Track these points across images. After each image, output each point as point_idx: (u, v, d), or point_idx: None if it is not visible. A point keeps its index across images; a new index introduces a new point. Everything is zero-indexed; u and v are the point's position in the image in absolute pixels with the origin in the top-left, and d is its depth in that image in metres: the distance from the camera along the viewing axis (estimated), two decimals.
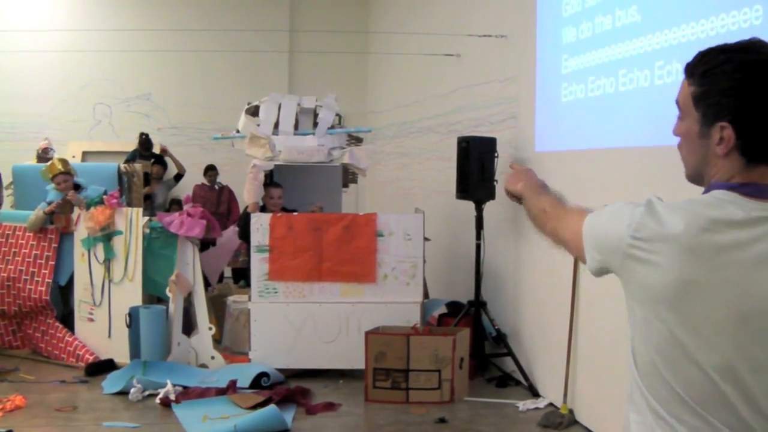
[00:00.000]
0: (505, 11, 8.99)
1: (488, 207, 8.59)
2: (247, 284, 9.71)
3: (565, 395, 7.31)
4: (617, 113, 6.61)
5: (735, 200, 2.02)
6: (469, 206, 8.71)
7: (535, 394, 7.95)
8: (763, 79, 2.00)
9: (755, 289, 1.94)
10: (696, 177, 2.22)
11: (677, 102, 2.21)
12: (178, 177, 14.00)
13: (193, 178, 13.90)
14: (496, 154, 8.43)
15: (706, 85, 2.08)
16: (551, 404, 7.63)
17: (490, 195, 8.48)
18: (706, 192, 2.11)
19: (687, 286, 1.96)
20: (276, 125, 9.67)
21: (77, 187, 9.68)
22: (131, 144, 14.01)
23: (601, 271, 2.23)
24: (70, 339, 9.33)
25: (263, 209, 9.42)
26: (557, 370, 7.48)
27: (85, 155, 14.88)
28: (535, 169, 7.79)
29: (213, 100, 14.82)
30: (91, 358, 9.04)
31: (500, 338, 8.51)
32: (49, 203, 9.50)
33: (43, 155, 12.50)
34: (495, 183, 8.41)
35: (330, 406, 7.63)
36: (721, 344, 1.95)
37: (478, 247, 8.60)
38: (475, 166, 8.41)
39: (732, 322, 1.95)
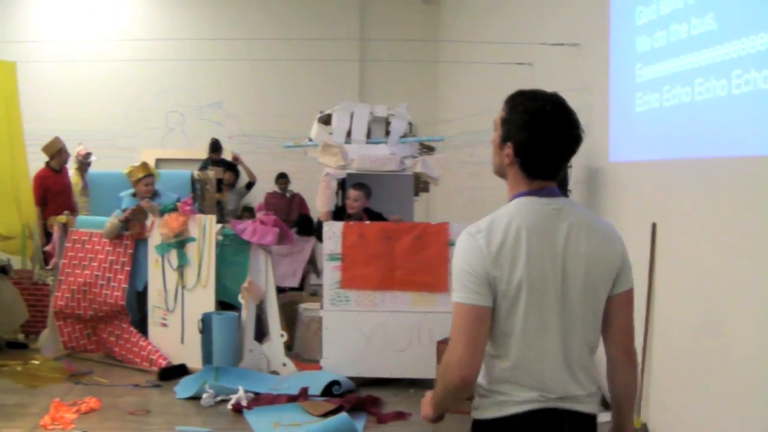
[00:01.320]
0: (578, 20, 8.92)
1: None
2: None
3: (639, 408, 7.21)
4: (693, 123, 6.49)
5: (541, 200, 3.03)
6: None
7: (608, 407, 7.83)
8: (532, 122, 2.97)
9: (572, 252, 3.00)
10: (499, 173, 3.21)
11: (495, 119, 3.13)
12: (250, 185, 14.09)
13: (264, 185, 13.99)
14: (569, 164, 8.34)
15: (508, 114, 3.05)
16: None
17: None
18: (509, 201, 3.08)
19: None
20: (348, 134, 9.70)
21: (153, 194, 9.82)
22: (203, 151, 14.15)
23: None
24: (144, 343, 9.44)
25: (338, 215, 9.43)
26: None
27: (158, 162, 15.06)
28: (608, 179, 7.75)
29: (284, 109, 14.93)
30: (164, 363, 9.16)
31: None
32: (124, 210, 9.64)
33: (84, 160, 12.63)
34: (568, 192, 8.34)
35: (400, 416, 7.61)
36: None
37: None
38: None
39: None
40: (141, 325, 9.70)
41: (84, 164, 12.46)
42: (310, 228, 12.04)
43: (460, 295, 2.93)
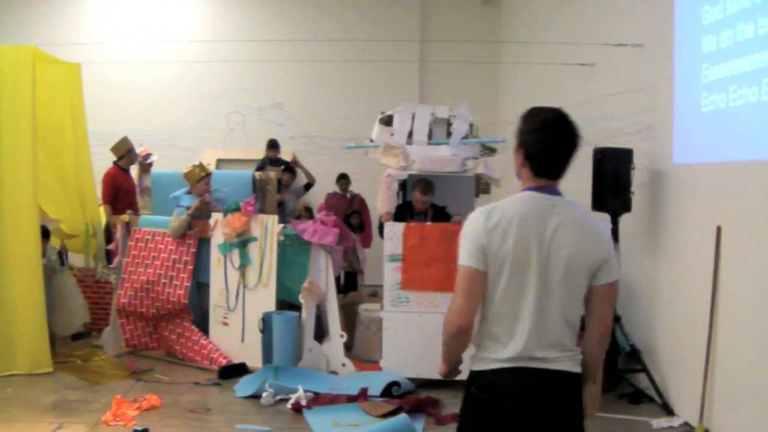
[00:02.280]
0: (641, 20, 8.83)
1: (624, 219, 8.43)
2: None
3: (702, 414, 7.13)
4: (761, 123, 6.40)
5: (538, 195, 3.67)
6: (604, 218, 8.57)
7: (670, 412, 7.76)
8: (536, 133, 3.64)
9: (559, 243, 3.59)
10: (517, 175, 3.83)
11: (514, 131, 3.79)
12: (308, 186, 14.13)
13: (325, 186, 14.02)
14: (632, 166, 8.27)
15: (521, 126, 3.73)
16: (686, 423, 7.44)
17: (626, 207, 8.33)
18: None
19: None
20: (410, 135, 9.68)
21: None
22: (264, 152, 14.21)
23: None
24: (205, 342, 9.52)
25: (403, 210, 9.43)
26: (693, 388, 7.29)
27: (219, 163, 15.18)
28: (672, 181, 7.66)
29: (344, 110, 14.95)
30: (224, 362, 9.22)
31: (634, 353, 8.33)
32: (187, 208, 9.72)
33: (144, 161, 12.74)
34: (631, 195, 8.26)
35: None
36: None
37: None
38: (611, 178, 8.27)
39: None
40: (200, 322, 9.79)
41: (144, 165, 12.58)
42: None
43: (464, 257, 3.62)
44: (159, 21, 15.62)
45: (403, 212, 9.35)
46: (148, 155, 12.82)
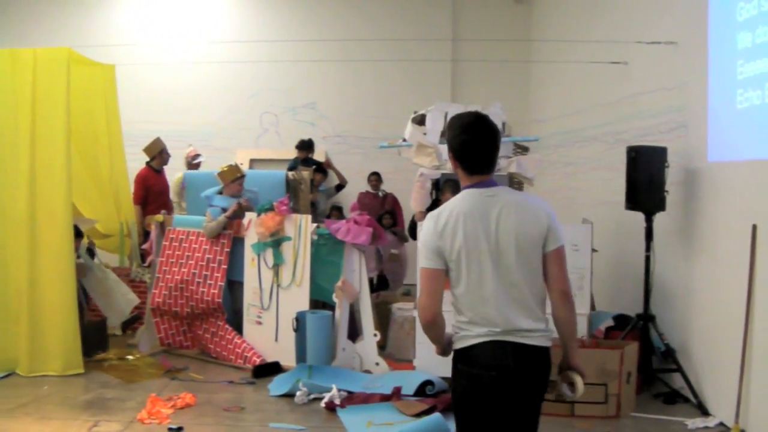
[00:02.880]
0: (674, 18, 8.78)
1: (658, 218, 8.39)
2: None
3: (737, 415, 7.08)
4: None
5: (479, 190, 4.12)
6: (638, 217, 8.53)
7: (705, 412, 7.71)
8: (459, 136, 4.12)
9: (505, 227, 4.05)
10: (459, 177, 4.27)
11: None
12: (339, 187, 14.15)
13: (357, 186, 14.04)
14: (666, 164, 8.23)
15: (448, 132, 4.24)
16: (722, 424, 7.38)
17: (660, 206, 8.29)
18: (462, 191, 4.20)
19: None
20: (442, 134, 9.66)
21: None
22: (297, 152, 14.24)
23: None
24: (239, 341, 9.56)
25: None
26: (729, 388, 7.24)
27: (252, 163, 15.23)
28: (706, 179, 7.62)
29: (377, 109, 14.96)
30: (258, 360, 9.26)
31: (669, 353, 8.29)
32: (224, 210, 9.76)
33: (192, 161, 12.80)
34: (665, 194, 8.22)
35: None
36: None
37: (647, 259, 8.41)
38: (645, 177, 8.23)
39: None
40: (232, 320, 9.85)
41: (192, 165, 12.65)
42: None
43: (422, 261, 4.14)
44: (192, 22, 15.68)
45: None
46: (196, 155, 12.89)
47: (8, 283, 9.14)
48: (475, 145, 4.13)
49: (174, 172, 12.24)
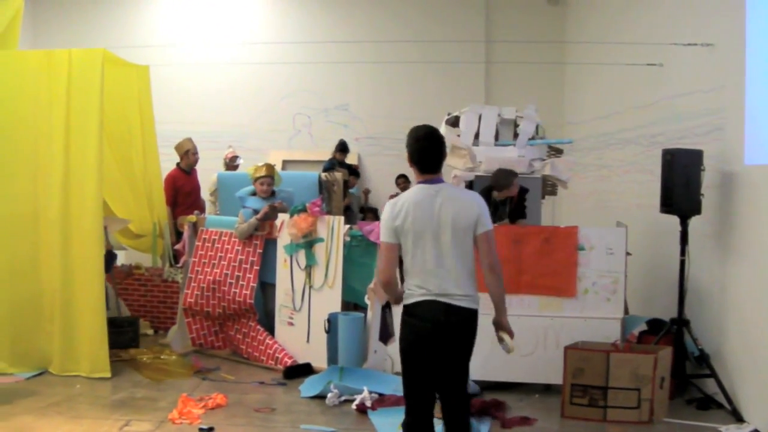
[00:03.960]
0: (711, 19, 8.69)
1: (693, 221, 8.30)
2: None
3: None
4: None
5: (426, 186, 5.38)
6: (673, 220, 8.45)
7: (739, 419, 7.62)
8: (413, 144, 5.40)
9: (442, 216, 5.30)
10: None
11: None
12: (368, 192, 14.16)
13: (390, 188, 14.04)
14: (702, 168, 8.15)
15: (407, 140, 5.50)
16: (756, 430, 7.28)
17: (696, 209, 8.20)
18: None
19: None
20: (476, 136, 9.63)
21: (271, 193, 9.95)
22: (329, 153, 14.26)
23: None
24: (270, 342, 9.55)
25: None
26: (764, 394, 7.17)
27: (285, 164, 15.26)
28: (743, 183, 7.52)
29: (410, 111, 14.92)
30: (289, 362, 9.25)
31: (703, 358, 8.20)
32: (255, 212, 9.77)
33: (231, 163, 12.83)
34: (701, 197, 8.13)
35: (525, 421, 7.52)
36: None
37: (682, 263, 8.32)
38: (680, 180, 8.14)
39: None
40: (263, 321, 9.85)
41: (231, 167, 12.69)
42: None
43: (382, 236, 5.48)
44: (226, 24, 15.77)
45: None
46: (235, 157, 12.95)
47: (42, 282, 9.20)
48: (425, 152, 5.45)
49: (210, 173, 12.28)
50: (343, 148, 13.93)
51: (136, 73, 11.06)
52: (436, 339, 5.36)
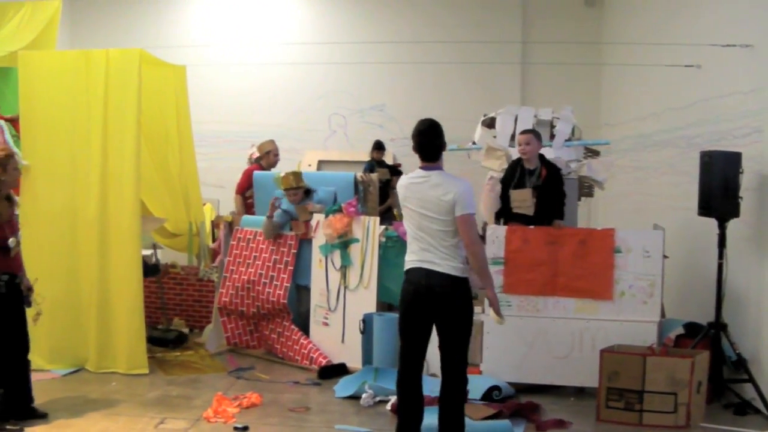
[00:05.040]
0: (750, 20, 8.61)
1: (732, 225, 8.23)
2: None
3: None
4: None
5: (422, 172, 6.30)
6: (710, 223, 8.38)
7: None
8: (414, 137, 6.42)
9: (426, 198, 6.21)
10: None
11: None
12: None
13: None
14: (741, 170, 8.07)
15: (413, 131, 6.47)
16: None
17: (734, 212, 8.13)
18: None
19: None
20: (512, 137, 9.59)
21: (308, 192, 9.96)
22: (365, 154, 14.29)
23: None
24: (305, 342, 9.57)
25: (511, 175, 9.31)
26: None
27: (321, 164, 15.28)
28: None
29: (445, 112, 14.71)
30: (324, 362, 9.26)
31: (740, 363, 8.13)
32: (287, 212, 9.80)
33: (262, 162, 12.86)
34: (740, 200, 8.06)
35: (560, 424, 7.47)
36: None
37: (719, 266, 8.25)
38: (718, 182, 8.08)
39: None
40: (298, 323, 9.84)
41: (269, 163, 12.71)
42: None
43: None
44: (261, 24, 15.81)
45: (513, 171, 9.17)
46: (271, 154, 12.97)
47: (80, 280, 9.27)
48: (424, 143, 6.33)
49: (239, 173, 12.33)
50: (378, 146, 13.93)
51: (173, 73, 11.09)
52: (419, 299, 6.25)
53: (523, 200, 8.97)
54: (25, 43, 10.08)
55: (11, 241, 7.08)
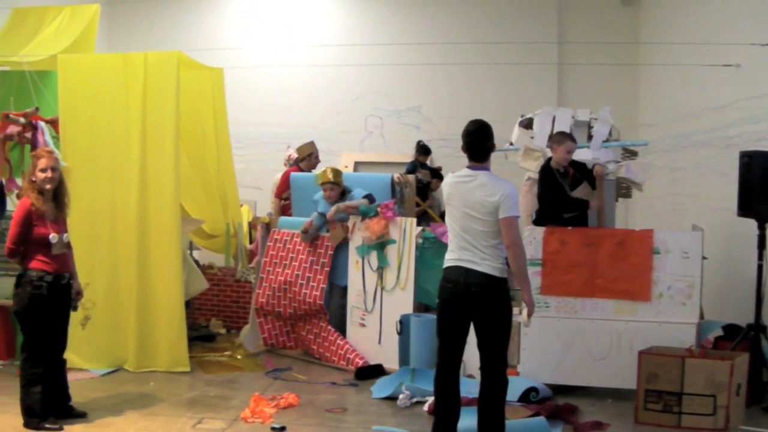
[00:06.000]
0: None
1: None
2: None
3: None
4: None
5: (468, 171, 6.40)
6: (750, 224, 8.32)
7: None
8: (464, 137, 6.49)
9: (471, 198, 6.29)
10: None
11: None
12: None
13: None
14: None
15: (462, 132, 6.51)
16: None
17: None
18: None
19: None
20: (550, 138, 9.56)
21: (343, 193, 9.99)
22: (402, 155, 14.32)
23: None
24: (342, 342, 9.59)
25: (548, 178, 9.24)
26: None
27: (357, 165, 15.31)
28: None
29: (481, 113, 14.69)
30: (361, 363, 9.28)
31: None
32: (322, 215, 9.84)
33: (294, 164, 12.89)
34: None
35: (598, 426, 7.42)
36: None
37: (759, 267, 8.19)
38: (758, 183, 8.02)
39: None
40: (334, 323, 9.87)
41: (310, 164, 12.76)
42: None
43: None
44: (298, 25, 15.86)
45: (551, 175, 9.11)
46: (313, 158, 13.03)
47: (119, 280, 9.35)
48: (471, 145, 6.40)
49: (275, 174, 12.38)
50: (424, 150, 13.95)
51: (211, 75, 11.18)
52: (457, 297, 6.30)
53: (588, 194, 8.96)
54: (64, 47, 10.16)
55: (52, 236, 7.11)
